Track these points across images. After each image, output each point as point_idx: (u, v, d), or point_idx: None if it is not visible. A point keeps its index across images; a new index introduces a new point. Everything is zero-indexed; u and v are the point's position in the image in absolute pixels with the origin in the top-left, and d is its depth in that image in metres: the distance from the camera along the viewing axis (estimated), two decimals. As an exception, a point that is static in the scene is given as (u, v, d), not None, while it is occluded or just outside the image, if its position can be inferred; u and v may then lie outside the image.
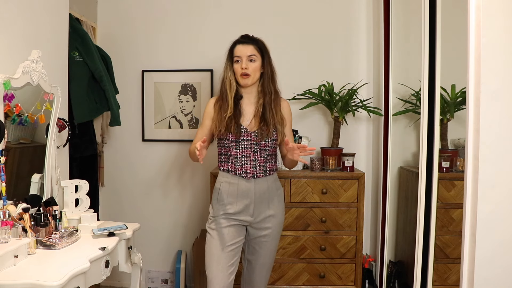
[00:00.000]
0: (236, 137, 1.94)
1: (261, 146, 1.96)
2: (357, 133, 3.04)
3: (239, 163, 1.96)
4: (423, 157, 2.11)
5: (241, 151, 1.96)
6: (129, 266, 2.03)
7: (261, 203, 1.98)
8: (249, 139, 1.96)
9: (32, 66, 1.84)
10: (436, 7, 2.04)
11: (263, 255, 2.04)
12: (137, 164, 3.14)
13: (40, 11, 2.05)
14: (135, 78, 3.10)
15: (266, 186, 1.99)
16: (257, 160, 1.97)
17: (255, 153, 1.96)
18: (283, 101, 2.08)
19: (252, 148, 1.96)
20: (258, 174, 1.97)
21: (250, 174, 1.96)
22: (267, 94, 2.00)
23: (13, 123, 1.81)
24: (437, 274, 2.20)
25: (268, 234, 2.01)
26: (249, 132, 1.97)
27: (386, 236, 2.72)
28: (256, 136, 1.96)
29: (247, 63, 1.95)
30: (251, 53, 1.95)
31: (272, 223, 2.01)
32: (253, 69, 1.96)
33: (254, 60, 1.96)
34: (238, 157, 1.96)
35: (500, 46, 1.44)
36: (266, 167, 2.00)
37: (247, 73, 1.95)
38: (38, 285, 1.35)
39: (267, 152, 1.99)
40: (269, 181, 2.01)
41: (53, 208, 1.85)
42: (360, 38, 3.01)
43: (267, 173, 2.00)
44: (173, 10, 3.06)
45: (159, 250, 3.15)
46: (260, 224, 2.00)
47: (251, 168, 1.96)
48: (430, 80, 2.08)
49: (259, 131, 1.96)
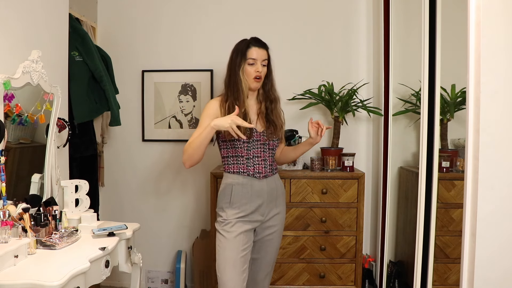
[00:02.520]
0: (248, 137, 1.96)
1: (269, 145, 2.03)
2: (357, 133, 3.04)
3: (251, 163, 1.98)
4: (423, 157, 2.11)
5: (252, 152, 1.99)
6: (129, 266, 2.03)
7: (271, 202, 2.03)
8: (258, 140, 2.00)
9: (32, 66, 1.84)
10: (436, 7, 2.04)
11: (270, 252, 2.07)
12: (137, 164, 3.14)
13: (40, 11, 2.05)
14: (135, 78, 3.10)
15: (275, 185, 2.05)
16: (266, 159, 2.02)
17: (264, 153, 2.01)
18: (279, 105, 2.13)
19: (262, 148, 2.01)
20: (269, 173, 2.02)
21: (262, 174, 1.99)
22: (269, 98, 2.07)
23: (13, 123, 1.81)
24: (437, 274, 2.20)
25: (274, 231, 2.05)
26: (258, 132, 2.00)
27: (386, 236, 2.72)
28: (265, 136, 2.01)
29: (261, 67, 1.98)
30: (265, 57, 1.99)
31: (277, 220, 2.06)
32: (264, 73, 2.01)
33: (265, 65, 2.00)
34: (249, 158, 1.98)
35: (500, 46, 1.44)
36: (273, 166, 2.07)
37: (261, 76, 1.99)
38: (38, 285, 1.34)
39: (274, 151, 2.06)
40: (276, 179, 2.07)
41: (53, 208, 1.85)
42: (360, 38, 3.01)
43: (274, 172, 2.07)
44: (173, 10, 3.06)
45: (159, 250, 3.15)
46: (268, 223, 2.03)
47: (263, 168, 2.00)
48: (430, 80, 2.08)
49: (267, 131, 2.02)
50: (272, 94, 2.07)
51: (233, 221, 1.94)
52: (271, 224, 2.04)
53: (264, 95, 2.07)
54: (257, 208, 1.98)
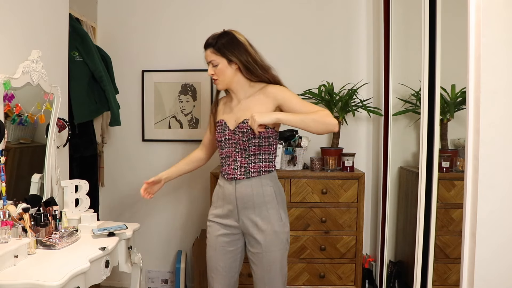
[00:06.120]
0: (219, 137, 1.89)
1: (240, 145, 1.84)
2: (357, 133, 3.04)
3: (224, 163, 1.89)
4: (423, 157, 2.11)
5: (225, 151, 1.88)
6: (129, 266, 2.03)
7: (246, 209, 1.84)
8: (230, 138, 1.86)
9: (32, 66, 1.84)
10: (436, 7, 2.04)
11: (261, 268, 1.85)
12: (137, 164, 3.14)
13: (40, 11, 2.05)
14: (135, 78, 3.10)
15: (251, 191, 1.83)
16: (237, 160, 1.84)
17: (236, 153, 1.85)
18: (271, 87, 1.86)
19: (233, 147, 1.86)
20: (239, 176, 1.83)
21: (230, 176, 1.85)
22: (246, 86, 1.89)
23: (13, 123, 1.81)
24: (437, 274, 2.20)
25: (259, 248, 1.83)
26: (230, 130, 1.86)
27: (386, 236, 2.72)
28: (236, 135, 1.84)
29: (211, 68, 1.87)
30: (210, 58, 1.85)
31: (263, 239, 1.82)
32: (219, 72, 1.84)
33: (215, 64, 1.85)
34: (223, 158, 1.90)
35: (500, 46, 1.44)
36: (249, 169, 1.84)
37: (214, 78, 1.88)
38: (38, 285, 1.34)
39: (248, 152, 1.83)
40: (254, 185, 1.83)
41: (53, 208, 1.85)
42: (360, 38, 3.01)
43: (248, 175, 1.83)
44: (173, 10, 3.06)
45: (159, 250, 3.15)
46: (249, 237, 1.86)
47: (232, 169, 1.85)
48: (430, 80, 2.08)
49: (238, 130, 1.83)
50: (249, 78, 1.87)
51: (211, 221, 1.94)
52: (253, 238, 1.84)
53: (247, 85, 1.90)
54: (228, 213, 1.87)
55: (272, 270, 1.84)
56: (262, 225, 1.82)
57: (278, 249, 1.84)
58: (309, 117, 1.75)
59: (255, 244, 1.85)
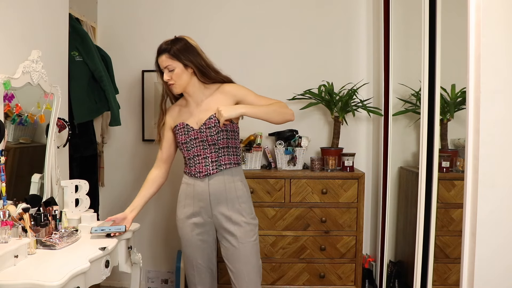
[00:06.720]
0: (183, 139, 1.94)
1: (208, 141, 1.90)
2: (357, 133, 3.04)
3: (192, 163, 1.95)
4: (423, 157, 2.11)
5: (192, 151, 1.94)
6: (129, 266, 2.03)
7: (219, 204, 1.91)
8: (196, 138, 1.92)
9: (32, 66, 1.84)
10: (436, 7, 2.04)
11: (238, 261, 1.90)
12: (137, 164, 3.14)
13: (40, 11, 2.05)
14: (135, 78, 3.10)
15: (223, 186, 1.90)
16: (207, 157, 1.91)
17: (205, 150, 1.92)
18: (227, 86, 1.95)
19: (201, 145, 1.92)
20: (211, 171, 1.90)
21: (203, 173, 1.92)
22: (201, 88, 1.95)
23: (13, 123, 1.81)
24: (437, 274, 2.20)
25: (235, 240, 1.90)
26: (195, 130, 1.92)
27: (386, 236, 2.72)
28: (202, 133, 1.91)
29: (168, 73, 1.89)
30: (166, 64, 1.88)
31: (237, 228, 1.90)
32: (176, 76, 1.88)
33: (172, 69, 1.88)
34: (190, 158, 1.95)
35: (500, 46, 1.44)
36: (220, 162, 1.91)
37: (171, 83, 1.91)
38: (38, 285, 1.34)
39: (217, 146, 1.90)
40: (226, 181, 1.91)
41: (53, 208, 1.85)
42: (360, 38, 3.01)
43: (221, 168, 1.91)
44: (173, 10, 3.06)
45: (159, 250, 3.15)
46: (223, 231, 1.93)
47: (203, 166, 1.92)
48: (430, 80, 2.08)
49: (204, 127, 1.90)
50: (203, 81, 1.94)
51: (183, 222, 1.99)
52: (228, 232, 1.90)
53: (203, 87, 1.96)
54: (199, 210, 1.94)
55: (249, 262, 1.90)
56: (235, 218, 1.90)
57: (253, 239, 1.92)
58: (270, 108, 1.86)
59: (230, 238, 1.91)
